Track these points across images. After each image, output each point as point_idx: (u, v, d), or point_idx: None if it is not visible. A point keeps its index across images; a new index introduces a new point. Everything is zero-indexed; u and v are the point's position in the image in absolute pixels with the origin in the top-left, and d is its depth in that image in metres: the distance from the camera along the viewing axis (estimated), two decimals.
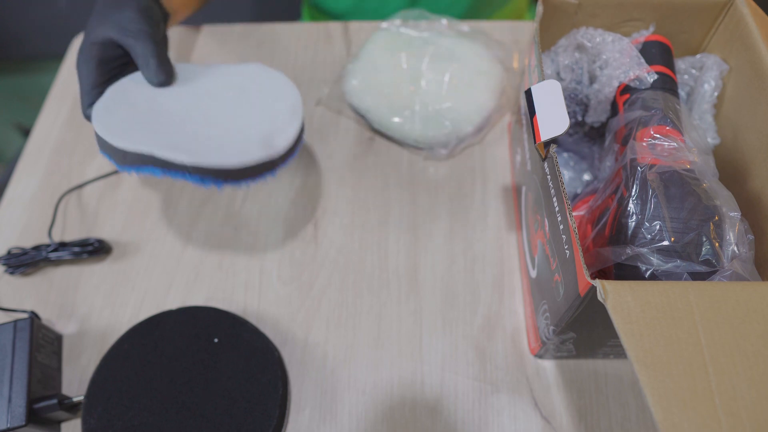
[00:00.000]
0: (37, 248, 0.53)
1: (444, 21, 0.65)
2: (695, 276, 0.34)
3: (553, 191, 0.37)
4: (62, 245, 0.53)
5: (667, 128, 0.40)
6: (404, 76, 0.60)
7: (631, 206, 0.37)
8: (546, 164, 0.39)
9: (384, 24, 0.65)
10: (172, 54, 0.67)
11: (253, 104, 0.47)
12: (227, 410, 0.43)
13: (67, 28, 0.81)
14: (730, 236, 0.35)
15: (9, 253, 0.53)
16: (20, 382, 0.43)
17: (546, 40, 0.49)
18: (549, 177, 0.38)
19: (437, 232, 0.55)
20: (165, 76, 0.47)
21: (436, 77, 0.59)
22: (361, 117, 0.61)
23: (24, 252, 0.53)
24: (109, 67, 0.48)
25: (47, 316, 0.51)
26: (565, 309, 0.36)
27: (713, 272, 0.34)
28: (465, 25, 0.64)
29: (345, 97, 0.62)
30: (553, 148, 0.37)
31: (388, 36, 0.64)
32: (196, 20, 0.69)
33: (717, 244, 0.35)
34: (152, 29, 0.47)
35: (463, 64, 0.60)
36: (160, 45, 0.48)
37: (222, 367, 0.45)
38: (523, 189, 0.49)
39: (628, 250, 0.35)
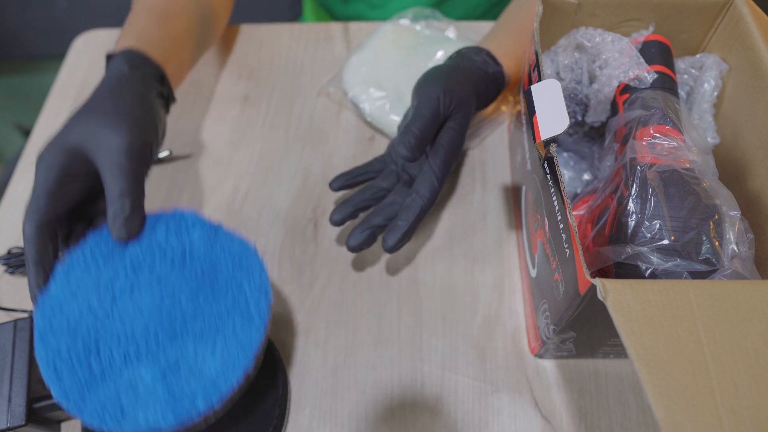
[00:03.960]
0: None
1: (453, 26, 0.64)
2: (695, 275, 0.34)
3: (552, 190, 0.37)
4: None
5: (667, 127, 0.40)
6: (406, 74, 0.60)
7: (631, 205, 0.37)
8: (546, 163, 0.39)
9: (395, 19, 0.65)
10: None
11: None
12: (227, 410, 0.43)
13: (67, 28, 0.81)
14: (730, 235, 0.35)
15: (9, 252, 0.53)
16: (20, 381, 0.43)
17: (546, 40, 0.49)
18: (549, 176, 0.38)
19: (437, 231, 0.55)
20: (128, 234, 0.37)
21: None
22: (356, 107, 0.61)
23: (24, 252, 0.53)
24: (73, 185, 0.39)
25: None
26: (565, 308, 0.36)
27: (713, 271, 0.34)
28: (471, 32, 0.64)
29: (344, 87, 0.62)
30: (552, 147, 0.37)
31: (397, 30, 0.63)
32: None
33: (717, 243, 0.35)
34: (140, 165, 0.38)
35: None
36: (139, 187, 0.38)
37: None
38: (523, 188, 0.49)
39: (628, 249, 0.35)
